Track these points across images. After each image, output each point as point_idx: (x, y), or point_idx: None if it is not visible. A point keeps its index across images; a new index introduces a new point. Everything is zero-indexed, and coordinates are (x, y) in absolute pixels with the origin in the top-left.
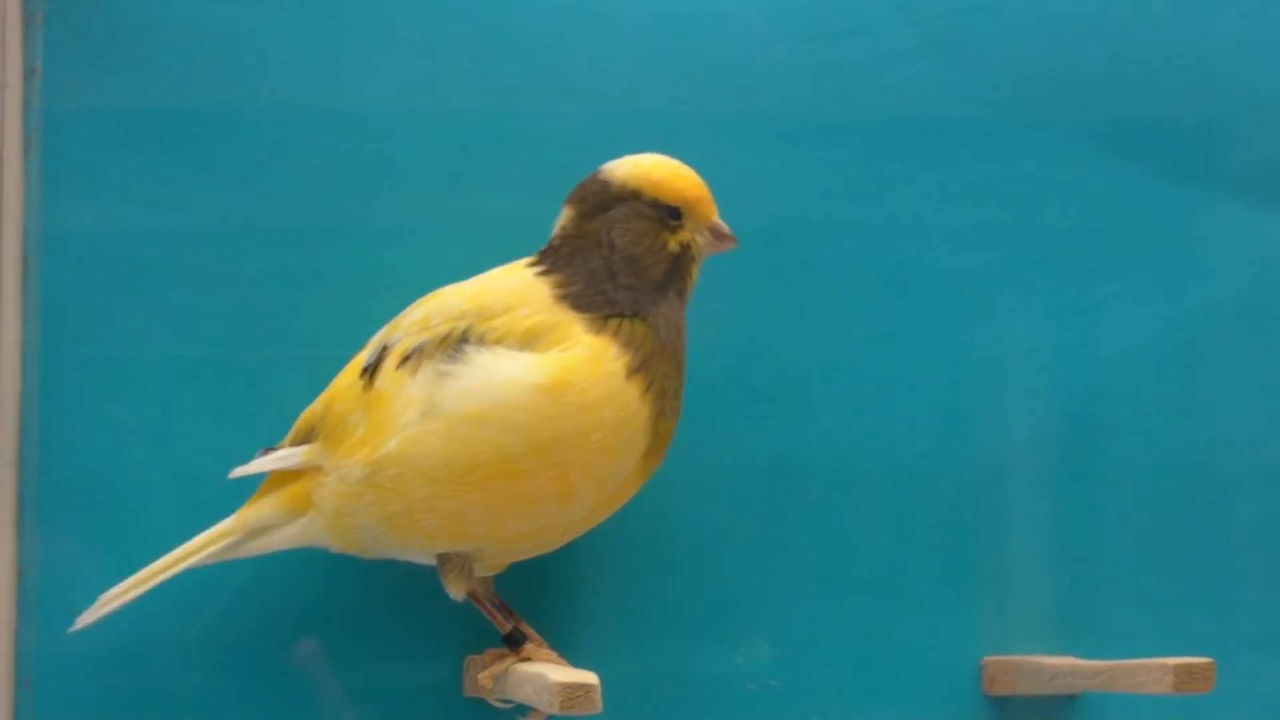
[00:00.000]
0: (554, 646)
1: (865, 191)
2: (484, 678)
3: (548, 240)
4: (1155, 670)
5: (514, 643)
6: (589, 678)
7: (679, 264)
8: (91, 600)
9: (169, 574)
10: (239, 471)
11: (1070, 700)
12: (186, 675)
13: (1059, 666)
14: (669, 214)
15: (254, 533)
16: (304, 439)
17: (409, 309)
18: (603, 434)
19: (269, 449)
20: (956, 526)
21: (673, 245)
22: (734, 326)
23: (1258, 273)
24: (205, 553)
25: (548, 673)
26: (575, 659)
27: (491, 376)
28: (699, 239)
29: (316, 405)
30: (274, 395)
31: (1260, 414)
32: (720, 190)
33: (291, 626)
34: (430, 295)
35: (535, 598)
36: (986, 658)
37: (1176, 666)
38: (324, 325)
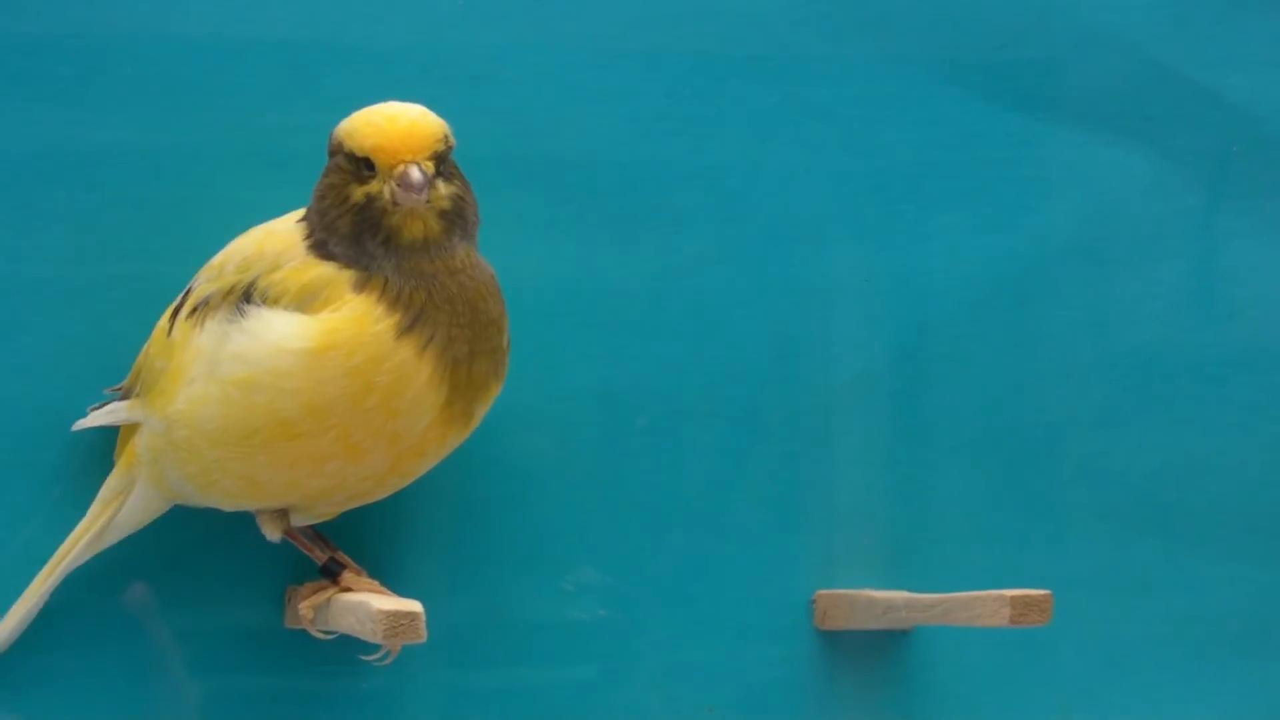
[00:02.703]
0: (381, 582)
1: (697, 116)
2: (304, 608)
3: None
4: (992, 602)
5: (330, 574)
6: (413, 605)
7: (366, 215)
8: None
9: (54, 582)
10: (80, 425)
11: (903, 635)
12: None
13: (892, 600)
14: (364, 164)
15: (106, 505)
16: (131, 385)
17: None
18: (378, 396)
19: (115, 388)
20: (787, 458)
21: (357, 196)
22: (562, 254)
23: (1093, 204)
24: (80, 545)
25: (371, 600)
26: (402, 593)
27: (260, 341)
28: (386, 190)
29: (142, 351)
30: (92, 315)
31: (1093, 347)
32: (546, 116)
33: (111, 570)
34: (239, 237)
35: (358, 531)
36: (819, 591)
37: (1014, 598)
38: (145, 244)
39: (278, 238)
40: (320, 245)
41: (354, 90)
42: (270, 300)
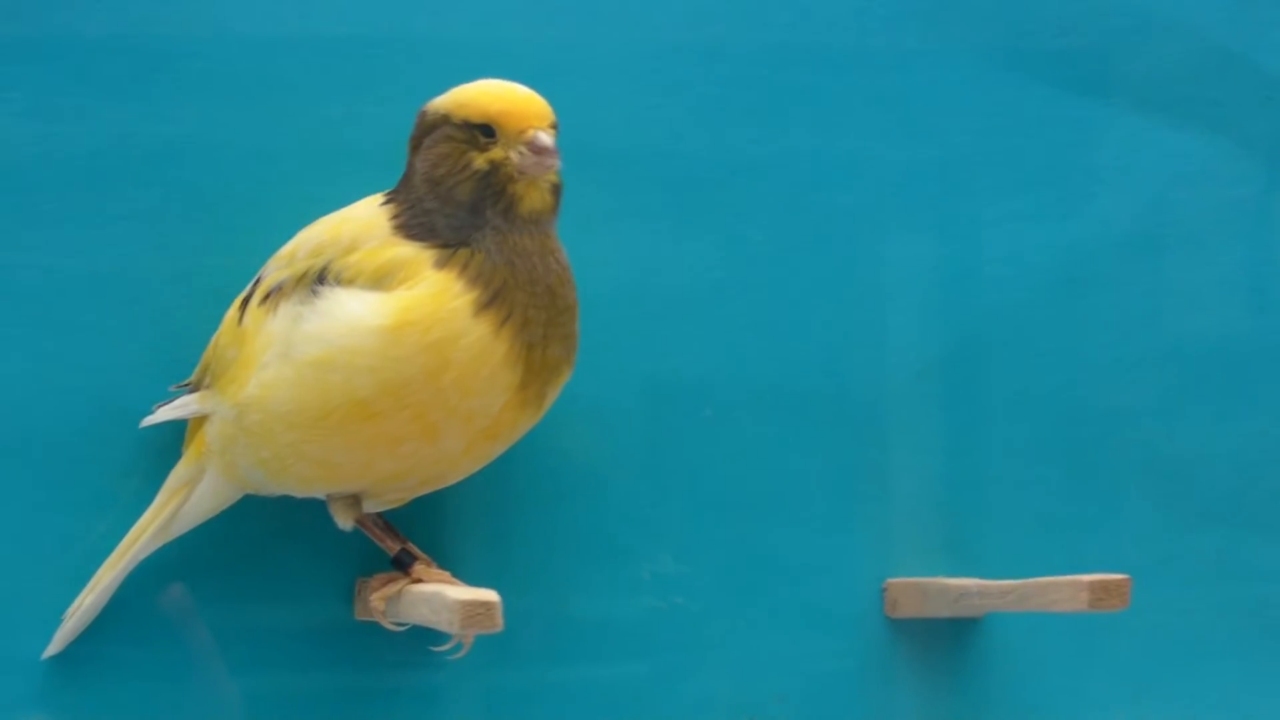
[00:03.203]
0: (454, 573)
1: (761, 108)
2: (376, 599)
3: None
4: (1068, 587)
5: (402, 564)
6: (489, 595)
7: (489, 182)
8: None
9: (122, 570)
10: (148, 421)
11: (973, 623)
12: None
13: (965, 587)
14: (481, 131)
15: (174, 494)
16: (200, 378)
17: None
18: (455, 373)
19: (182, 384)
20: (854, 446)
21: (480, 163)
22: (628, 245)
23: (1153, 191)
24: (147, 534)
25: (446, 591)
26: (473, 583)
27: (335, 320)
28: (514, 155)
29: (211, 343)
30: (156, 309)
31: (1155, 334)
32: (609, 107)
33: (179, 561)
34: (309, 226)
35: (425, 522)
36: (889, 580)
37: (1092, 583)
38: (208, 239)
39: (354, 222)
40: (413, 225)
41: (417, 83)
42: (345, 281)
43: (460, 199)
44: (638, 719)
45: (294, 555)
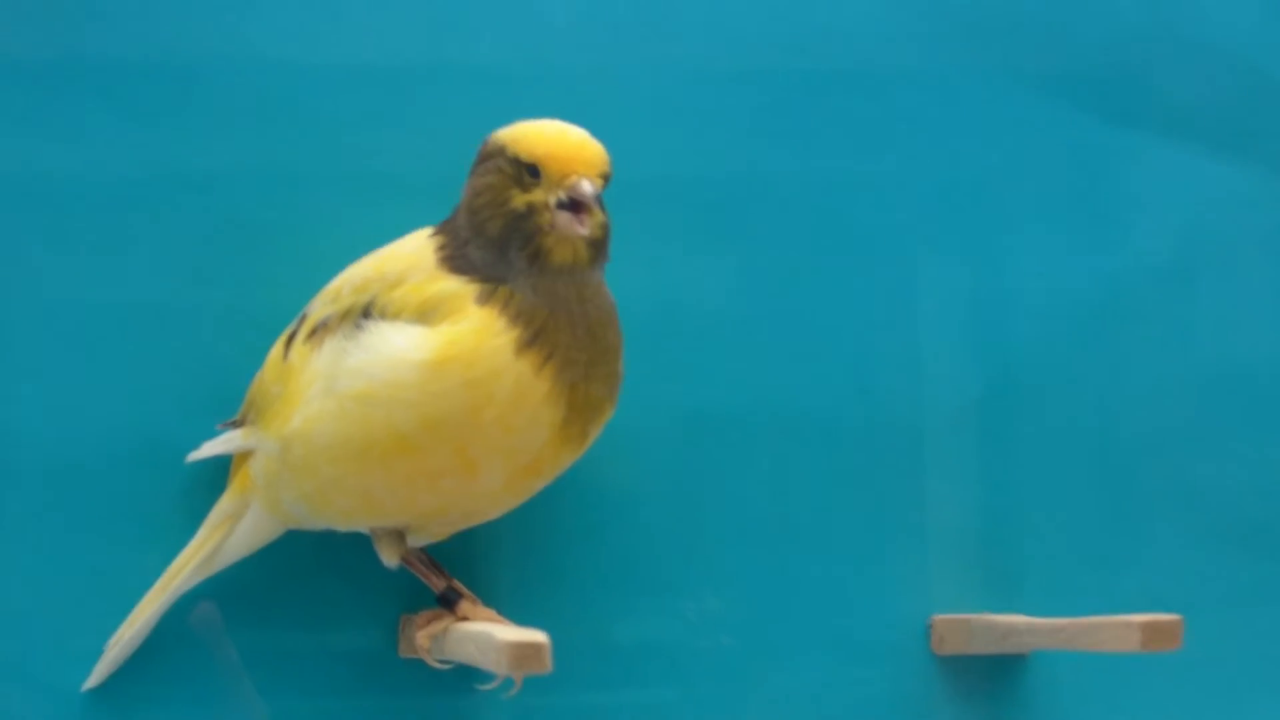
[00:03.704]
0: (498, 610)
1: (806, 137)
2: (422, 637)
3: None
4: (1119, 628)
5: (448, 602)
6: (538, 636)
7: (520, 225)
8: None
9: (164, 603)
10: (194, 457)
11: (1019, 659)
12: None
13: (1013, 624)
14: (528, 171)
15: (216, 528)
16: (245, 414)
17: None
18: (496, 410)
19: (228, 422)
20: (898, 481)
21: (517, 202)
22: (664, 272)
23: (1193, 219)
24: (190, 566)
25: (495, 632)
26: (519, 622)
27: (379, 354)
28: (552, 200)
29: (255, 379)
30: (199, 342)
31: (1198, 364)
32: (646, 136)
33: (225, 591)
34: (357, 262)
35: (469, 558)
36: (935, 616)
37: (1144, 624)
38: (252, 270)
39: (401, 257)
40: (455, 257)
41: (456, 113)
42: (390, 315)
43: (490, 234)
44: None
45: (337, 591)
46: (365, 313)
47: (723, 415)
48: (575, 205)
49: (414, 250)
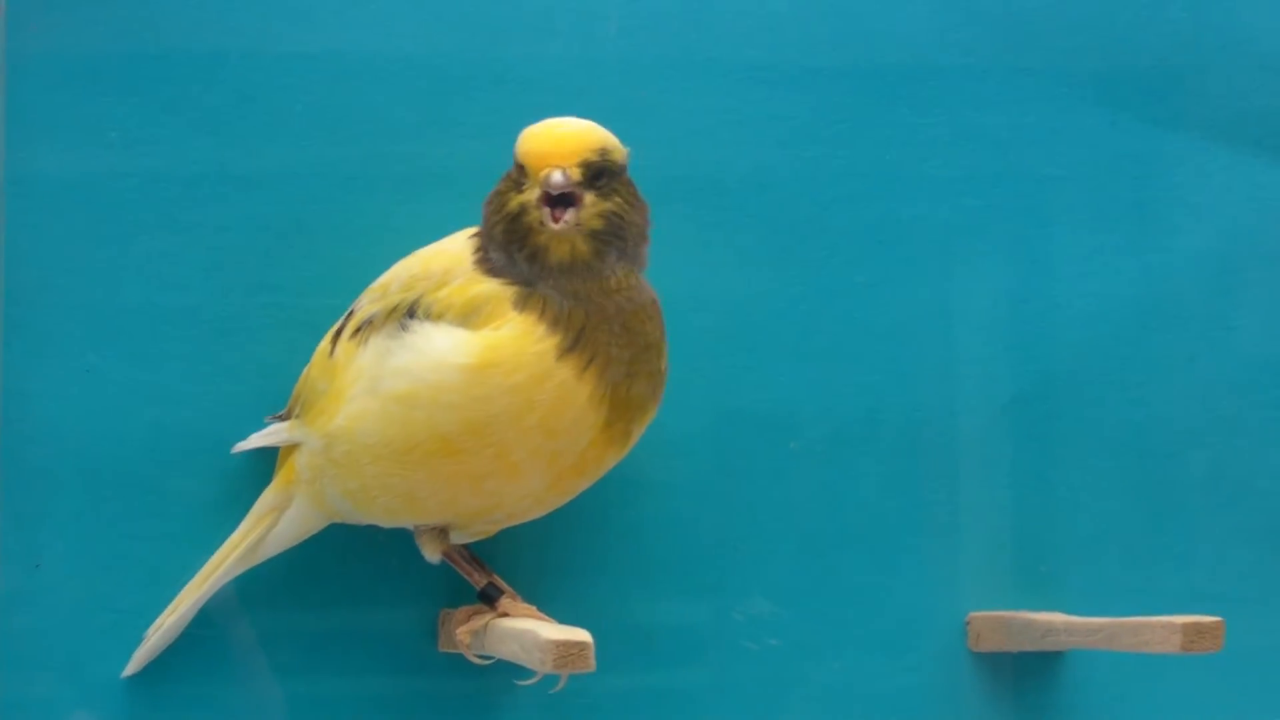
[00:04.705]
0: (539, 606)
1: (850, 138)
2: (462, 633)
3: None
4: (1161, 629)
5: (489, 598)
6: (582, 635)
7: (515, 226)
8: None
9: (206, 593)
10: (239, 447)
11: (1057, 656)
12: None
13: (1051, 623)
14: (522, 171)
15: (261, 519)
16: (292, 408)
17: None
18: (538, 415)
19: (276, 415)
20: (938, 480)
21: (512, 204)
22: (716, 276)
23: (1238, 220)
24: (233, 557)
25: (539, 630)
26: (560, 619)
27: (421, 355)
28: (536, 197)
29: (303, 374)
30: (246, 342)
31: (1246, 366)
32: (702, 136)
33: (264, 587)
34: (405, 259)
35: (515, 555)
36: (972, 614)
37: (1185, 625)
38: (299, 271)
39: (445, 256)
40: (486, 260)
41: (506, 114)
42: (434, 316)
43: (497, 238)
44: None
45: (378, 585)
46: (410, 312)
47: (764, 415)
48: (557, 198)
49: (456, 250)
